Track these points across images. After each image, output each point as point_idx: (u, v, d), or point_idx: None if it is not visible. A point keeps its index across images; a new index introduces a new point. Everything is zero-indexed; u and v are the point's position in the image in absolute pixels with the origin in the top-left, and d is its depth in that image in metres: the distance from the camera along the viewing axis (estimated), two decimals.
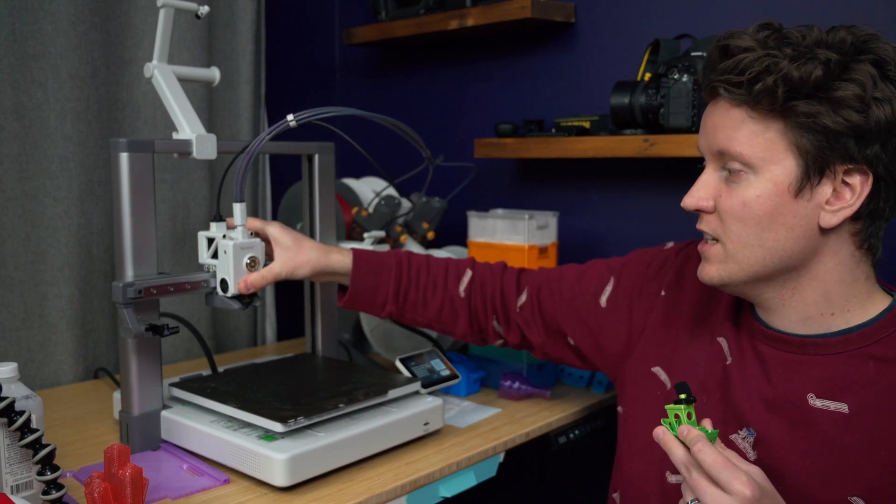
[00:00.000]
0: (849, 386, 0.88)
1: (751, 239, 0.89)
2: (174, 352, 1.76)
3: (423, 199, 1.64)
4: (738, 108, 0.88)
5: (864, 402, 0.86)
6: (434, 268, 1.28)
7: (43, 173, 1.54)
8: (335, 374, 1.33)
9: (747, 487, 0.74)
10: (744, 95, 0.86)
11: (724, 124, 0.89)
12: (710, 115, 0.92)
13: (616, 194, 1.62)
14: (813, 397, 0.89)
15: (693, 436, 0.78)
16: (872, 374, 0.87)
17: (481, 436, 1.26)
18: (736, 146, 0.88)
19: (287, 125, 1.15)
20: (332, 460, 1.09)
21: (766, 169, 0.87)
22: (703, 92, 0.94)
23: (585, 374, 1.54)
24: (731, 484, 0.74)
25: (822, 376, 0.90)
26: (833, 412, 0.88)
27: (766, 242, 0.88)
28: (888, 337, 0.88)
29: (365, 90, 2.07)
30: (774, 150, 0.86)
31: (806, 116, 0.84)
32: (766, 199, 0.87)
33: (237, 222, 1.17)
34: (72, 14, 1.54)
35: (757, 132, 0.86)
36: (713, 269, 0.93)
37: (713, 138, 0.90)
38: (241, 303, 1.19)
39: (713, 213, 0.92)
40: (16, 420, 0.90)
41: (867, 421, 0.86)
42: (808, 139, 0.84)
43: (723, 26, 1.42)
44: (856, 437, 0.86)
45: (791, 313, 0.93)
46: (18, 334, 1.55)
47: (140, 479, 0.93)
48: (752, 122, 0.87)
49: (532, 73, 1.73)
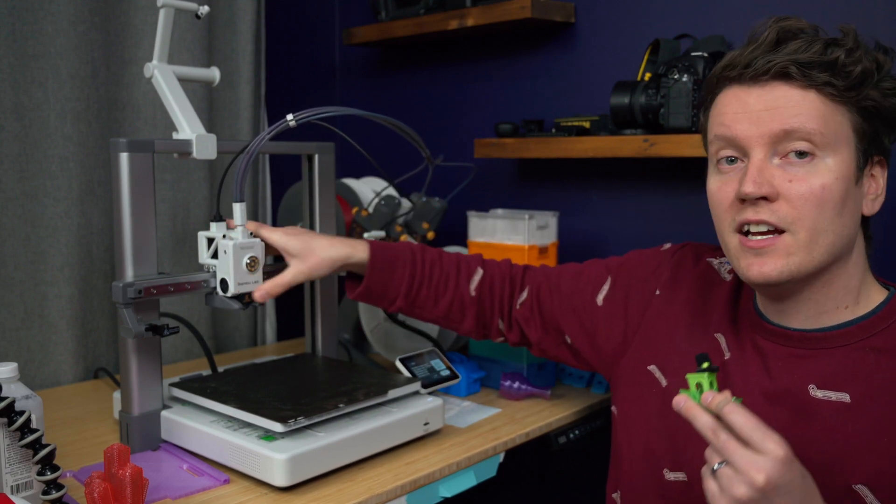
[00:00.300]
0: (850, 377, 0.88)
1: (826, 224, 0.85)
2: (174, 352, 1.76)
3: (423, 199, 1.64)
4: (806, 90, 0.86)
5: (866, 392, 0.87)
6: (446, 264, 1.27)
7: (43, 173, 1.54)
8: (335, 374, 1.33)
9: (780, 447, 0.73)
10: (822, 77, 0.85)
11: (790, 105, 0.85)
12: (759, 97, 0.87)
13: (616, 194, 1.62)
14: (814, 388, 0.89)
15: (720, 399, 0.76)
16: (873, 364, 0.87)
17: (481, 436, 1.26)
18: (811, 126, 0.84)
19: (287, 125, 1.15)
20: (332, 460, 1.09)
21: (838, 152, 0.86)
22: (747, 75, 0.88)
23: (585, 374, 1.54)
24: (764, 443, 0.73)
25: (823, 368, 0.90)
26: (835, 402, 0.87)
27: (837, 228, 0.86)
28: (888, 328, 0.89)
29: (365, 90, 2.07)
30: (842, 133, 0.86)
31: (873, 101, 0.86)
32: (842, 183, 0.86)
33: (237, 222, 1.17)
34: (72, 14, 1.54)
35: (829, 114, 0.85)
36: (780, 262, 0.87)
37: (772, 121, 0.86)
38: (241, 303, 1.19)
39: (776, 202, 0.86)
40: (16, 420, 0.90)
41: (869, 410, 0.86)
42: (868, 125, 0.87)
43: (723, 26, 1.43)
44: (858, 427, 0.86)
45: (810, 309, 0.92)
46: (18, 334, 1.55)
47: (140, 479, 0.93)
48: (824, 104, 0.86)
49: (532, 73, 1.73)
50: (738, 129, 0.88)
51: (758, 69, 0.87)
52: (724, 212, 0.91)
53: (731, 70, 0.90)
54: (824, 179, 0.85)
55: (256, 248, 1.18)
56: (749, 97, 0.88)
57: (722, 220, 0.92)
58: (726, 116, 0.90)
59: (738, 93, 0.89)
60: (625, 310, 1.14)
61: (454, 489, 1.17)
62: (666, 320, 1.08)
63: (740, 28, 1.40)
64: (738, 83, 0.89)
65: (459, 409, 1.38)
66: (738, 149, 0.89)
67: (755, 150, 0.87)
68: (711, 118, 0.93)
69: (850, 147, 0.86)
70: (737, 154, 0.90)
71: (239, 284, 1.17)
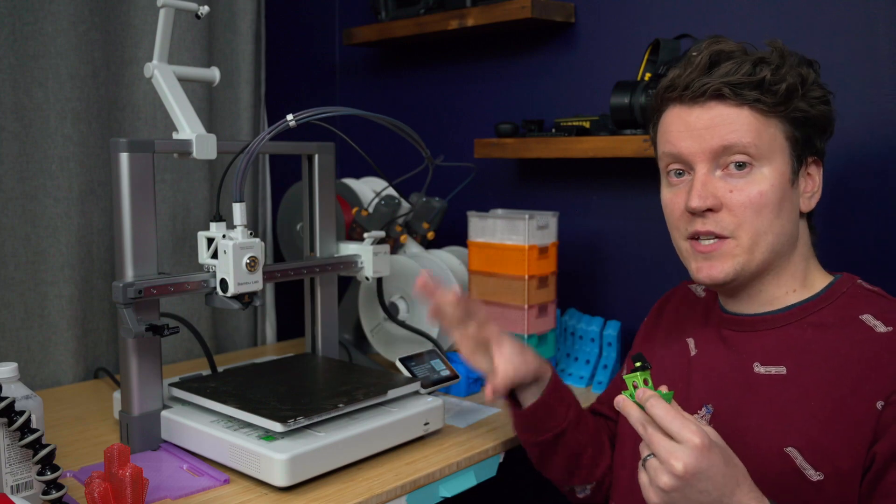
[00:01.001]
0: (788, 351, 0.96)
1: (765, 227, 0.94)
2: (174, 352, 1.76)
3: (423, 199, 1.64)
4: (739, 108, 0.94)
5: (800, 363, 0.94)
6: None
7: (43, 173, 1.54)
8: (335, 374, 1.33)
9: (696, 436, 0.77)
10: (752, 95, 0.93)
11: (726, 122, 0.94)
12: (699, 117, 0.95)
13: (616, 194, 1.62)
14: (758, 365, 0.97)
15: (646, 395, 0.82)
16: (810, 339, 0.95)
17: (481, 436, 1.26)
18: (747, 140, 0.93)
19: (287, 125, 1.15)
20: (332, 460, 1.09)
21: (773, 160, 0.94)
22: (687, 97, 0.96)
23: (585, 374, 1.54)
24: (681, 433, 0.78)
25: (765, 346, 0.98)
26: (773, 375, 0.96)
27: (776, 229, 0.95)
28: (827, 307, 0.97)
29: (365, 90, 2.07)
30: (776, 143, 0.94)
31: (802, 112, 0.94)
32: (777, 188, 0.94)
33: (237, 222, 1.17)
34: (72, 14, 1.54)
35: (762, 128, 0.94)
36: (726, 264, 0.96)
37: (711, 138, 0.94)
38: (241, 303, 1.19)
39: (720, 212, 0.95)
40: (16, 420, 0.90)
41: (802, 379, 0.93)
42: (799, 132, 0.95)
43: (723, 26, 1.43)
44: (792, 395, 0.93)
45: (762, 297, 1.00)
46: (18, 334, 1.55)
47: (140, 479, 0.93)
48: (757, 119, 0.94)
49: (532, 73, 1.73)
50: (683, 146, 0.97)
51: (695, 91, 0.95)
52: (676, 220, 1.00)
53: (672, 91, 0.98)
54: (761, 187, 0.94)
55: (256, 248, 1.18)
56: (690, 116, 0.96)
57: (675, 228, 1.01)
58: (671, 134, 0.98)
59: (681, 112, 0.97)
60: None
61: (454, 489, 1.17)
62: (649, 341, 1.17)
63: (740, 28, 1.40)
64: (680, 103, 0.98)
65: (459, 409, 1.38)
66: (684, 163, 0.98)
67: (699, 165, 0.96)
68: (659, 135, 1.02)
69: (783, 154, 0.95)
70: (683, 168, 0.98)
71: (239, 284, 1.17)
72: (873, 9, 1.28)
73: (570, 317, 1.62)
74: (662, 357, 1.11)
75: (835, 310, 0.96)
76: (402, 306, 1.60)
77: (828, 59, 1.24)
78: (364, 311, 1.64)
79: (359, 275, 1.45)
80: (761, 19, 1.39)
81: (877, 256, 1.29)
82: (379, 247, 1.44)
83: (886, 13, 1.26)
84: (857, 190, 1.30)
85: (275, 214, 2.00)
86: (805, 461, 0.89)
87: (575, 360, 1.58)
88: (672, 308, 1.17)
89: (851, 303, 0.96)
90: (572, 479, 1.19)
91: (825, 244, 1.12)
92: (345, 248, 1.46)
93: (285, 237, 1.78)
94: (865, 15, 1.28)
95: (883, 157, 1.28)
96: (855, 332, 0.93)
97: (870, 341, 0.91)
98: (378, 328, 1.62)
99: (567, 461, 1.18)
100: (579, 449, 1.17)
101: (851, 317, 0.94)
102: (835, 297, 0.97)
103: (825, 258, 1.05)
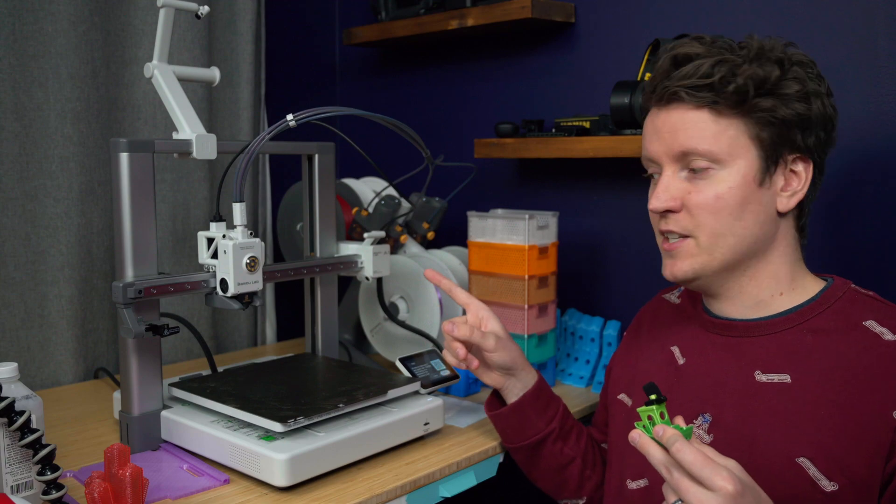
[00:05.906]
0: (790, 358, 0.94)
1: (724, 229, 0.95)
2: (174, 352, 1.76)
3: (423, 199, 1.64)
4: (698, 110, 0.94)
5: (804, 370, 0.93)
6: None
7: (43, 173, 1.54)
8: (335, 374, 1.33)
9: (730, 483, 0.74)
10: (709, 97, 0.93)
11: (685, 126, 0.94)
12: (664, 120, 0.97)
13: (616, 194, 1.62)
14: (759, 374, 0.96)
15: (669, 435, 0.78)
16: (811, 345, 0.94)
17: (481, 436, 1.26)
18: (703, 145, 0.93)
19: (287, 125, 1.15)
20: (332, 460, 1.09)
21: (733, 163, 0.94)
22: (654, 99, 0.98)
23: (585, 374, 1.54)
24: (712, 480, 0.74)
25: (766, 353, 0.96)
26: (777, 384, 0.94)
27: (737, 231, 0.95)
28: (824, 312, 0.96)
29: (365, 90, 2.07)
30: (738, 144, 0.93)
31: (765, 111, 0.92)
32: (737, 191, 0.94)
33: (237, 222, 1.17)
34: (72, 14, 1.54)
35: (721, 130, 0.93)
36: (685, 263, 0.98)
37: (673, 142, 0.95)
38: (241, 303, 1.19)
39: (681, 212, 0.97)
40: (16, 420, 0.90)
41: (808, 387, 0.92)
42: (766, 132, 0.93)
43: (723, 26, 1.43)
44: (799, 403, 0.91)
45: (746, 299, 1.00)
46: (18, 334, 1.55)
47: (140, 479, 0.93)
48: (715, 121, 0.93)
49: (532, 73, 1.73)
50: (651, 148, 0.99)
51: (659, 94, 0.97)
52: (652, 219, 1.03)
53: (647, 94, 1.00)
54: (717, 190, 0.94)
55: (256, 248, 1.18)
56: (657, 119, 0.98)
57: (654, 227, 1.04)
58: (645, 138, 1.01)
59: (652, 115, 1.00)
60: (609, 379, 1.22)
61: (454, 489, 1.17)
62: (630, 352, 1.16)
63: (740, 28, 1.40)
64: (654, 105, 0.99)
65: (459, 409, 1.38)
66: (656, 165, 1.00)
67: (665, 167, 0.98)
68: (642, 138, 1.04)
69: (748, 155, 0.94)
70: (657, 170, 1.00)
71: (239, 284, 1.17)
72: (873, 9, 1.28)
73: (570, 317, 1.62)
74: (647, 370, 1.09)
75: (833, 315, 0.95)
76: (402, 306, 1.60)
77: (828, 59, 1.24)
78: (364, 311, 1.64)
79: (359, 275, 1.45)
80: (761, 19, 1.39)
81: (877, 256, 1.29)
82: (379, 247, 1.44)
83: (886, 13, 1.26)
84: (858, 190, 1.30)
85: (275, 214, 2.00)
86: (819, 471, 0.87)
87: (575, 360, 1.58)
88: (650, 320, 1.16)
89: (850, 308, 0.95)
90: (562, 493, 1.20)
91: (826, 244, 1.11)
92: (345, 248, 1.46)
93: (285, 237, 1.78)
94: (865, 15, 1.28)
95: (883, 157, 1.28)
96: (860, 339, 0.91)
97: (877, 349, 0.90)
98: (378, 328, 1.62)
99: (552, 473, 1.18)
100: (565, 461, 1.17)
101: (853, 323, 0.93)
102: (831, 301, 0.96)
103: (826, 258, 1.04)
